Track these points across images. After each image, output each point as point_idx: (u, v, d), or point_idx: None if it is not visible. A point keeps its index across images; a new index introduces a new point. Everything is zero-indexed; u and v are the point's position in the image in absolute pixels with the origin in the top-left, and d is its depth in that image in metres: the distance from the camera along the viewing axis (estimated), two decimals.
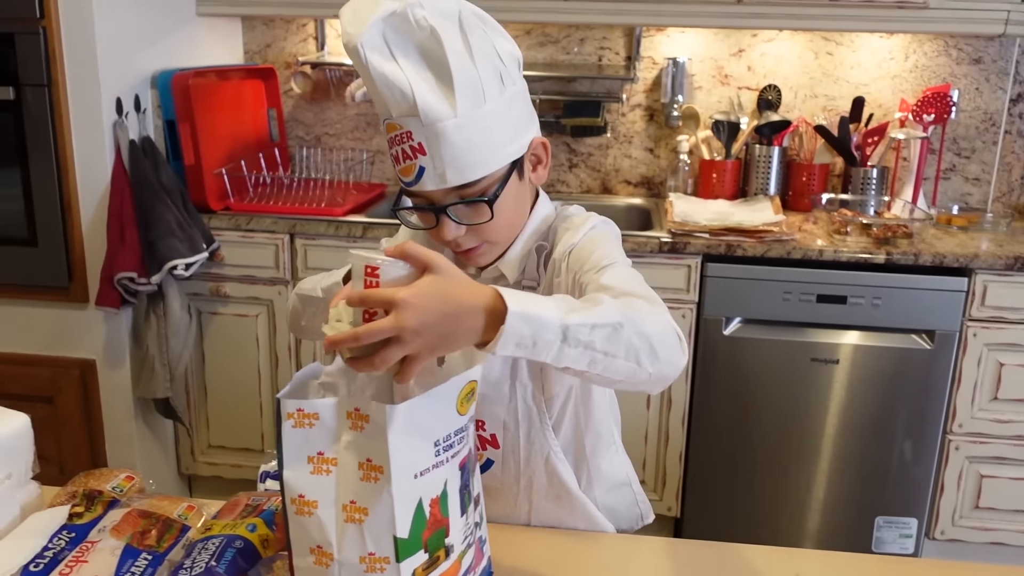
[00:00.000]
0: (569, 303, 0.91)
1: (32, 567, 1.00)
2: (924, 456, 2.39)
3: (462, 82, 1.03)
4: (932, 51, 2.72)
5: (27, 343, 2.47)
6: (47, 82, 2.24)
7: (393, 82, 1.02)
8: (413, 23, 1.01)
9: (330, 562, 0.88)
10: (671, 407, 2.45)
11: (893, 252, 2.28)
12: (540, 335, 0.86)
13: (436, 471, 0.90)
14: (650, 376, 0.93)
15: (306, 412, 0.88)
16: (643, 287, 1.02)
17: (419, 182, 1.07)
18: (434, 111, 1.03)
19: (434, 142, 1.04)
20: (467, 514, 0.97)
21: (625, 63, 2.84)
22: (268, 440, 2.67)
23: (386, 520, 0.86)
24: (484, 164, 1.07)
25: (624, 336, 0.90)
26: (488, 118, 1.06)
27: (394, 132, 1.06)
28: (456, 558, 0.95)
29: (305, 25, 2.95)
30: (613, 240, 1.16)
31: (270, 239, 2.47)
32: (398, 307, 0.82)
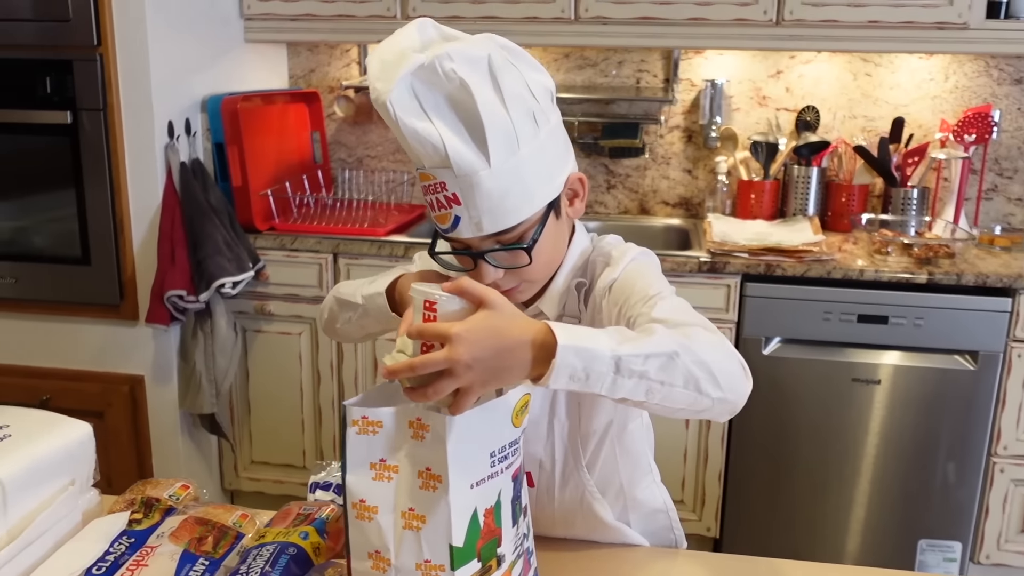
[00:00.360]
0: (622, 334, 0.92)
1: (95, 570, 1.03)
2: (968, 478, 2.37)
3: (494, 132, 1.01)
4: (972, 71, 2.72)
5: (79, 359, 2.54)
6: (103, 107, 2.32)
7: (424, 137, 1.01)
8: (442, 76, 0.99)
9: (387, 567, 0.90)
10: (710, 427, 2.45)
11: (935, 272, 2.27)
12: (592, 367, 0.87)
13: (491, 481, 0.92)
14: (712, 404, 0.93)
15: (370, 420, 0.91)
16: (696, 316, 1.02)
17: (456, 230, 1.06)
18: (467, 163, 1.01)
19: (468, 193, 1.03)
20: (517, 524, 0.99)
21: (663, 85, 2.87)
22: (310, 456, 2.71)
23: (443, 528, 0.88)
24: (520, 210, 1.06)
25: (681, 365, 0.90)
26: (523, 164, 1.04)
27: (428, 182, 1.05)
28: (507, 568, 0.97)
29: (348, 51, 3.02)
30: (654, 271, 1.15)
31: (314, 258, 2.53)
32: (452, 341, 0.85)
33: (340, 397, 2.64)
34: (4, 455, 1.05)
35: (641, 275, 1.11)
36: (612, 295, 1.11)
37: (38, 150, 2.39)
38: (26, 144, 2.40)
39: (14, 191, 2.48)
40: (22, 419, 1.15)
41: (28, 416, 1.16)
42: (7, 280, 2.50)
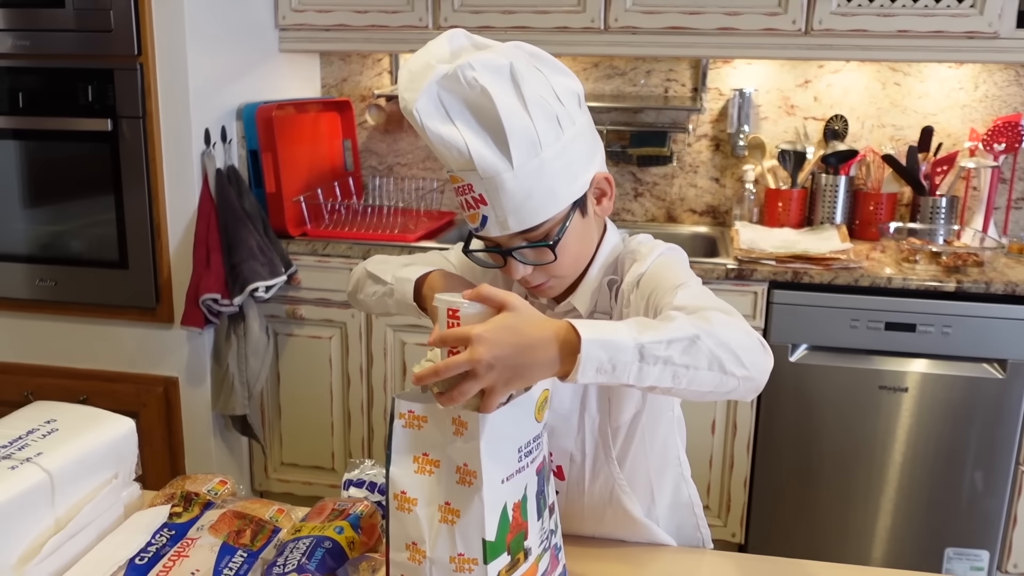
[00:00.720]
0: (642, 323, 0.95)
1: (137, 560, 1.07)
2: (996, 487, 2.36)
3: (516, 136, 1.06)
4: (1003, 81, 2.71)
5: (115, 360, 2.60)
6: (142, 114, 2.39)
7: (450, 142, 1.06)
8: (464, 84, 1.04)
9: (423, 559, 0.93)
10: (736, 433, 2.46)
11: (964, 280, 2.27)
12: (617, 358, 0.90)
13: (518, 476, 0.95)
14: (739, 383, 0.96)
15: (417, 414, 0.94)
16: (717, 301, 1.05)
17: (484, 228, 1.13)
18: (491, 166, 1.07)
19: (493, 194, 1.08)
20: (543, 519, 1.01)
21: (691, 94, 2.89)
22: (339, 459, 2.74)
23: (477, 523, 0.91)
24: (544, 209, 1.11)
25: (703, 347, 0.93)
26: (545, 165, 1.09)
27: (457, 184, 1.12)
28: (534, 560, 1.00)
29: (380, 60, 3.07)
30: (681, 264, 1.19)
31: (345, 264, 2.57)
32: (472, 342, 0.88)
33: (369, 401, 2.68)
34: (52, 448, 1.09)
35: (669, 268, 1.15)
36: (640, 289, 1.15)
37: (79, 157, 2.46)
38: (68, 151, 2.47)
39: (55, 196, 2.55)
40: (68, 414, 1.19)
41: (74, 411, 1.20)
42: (47, 283, 2.57)
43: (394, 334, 2.60)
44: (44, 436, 1.11)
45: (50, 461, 1.07)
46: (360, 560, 1.13)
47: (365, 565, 1.14)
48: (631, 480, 1.26)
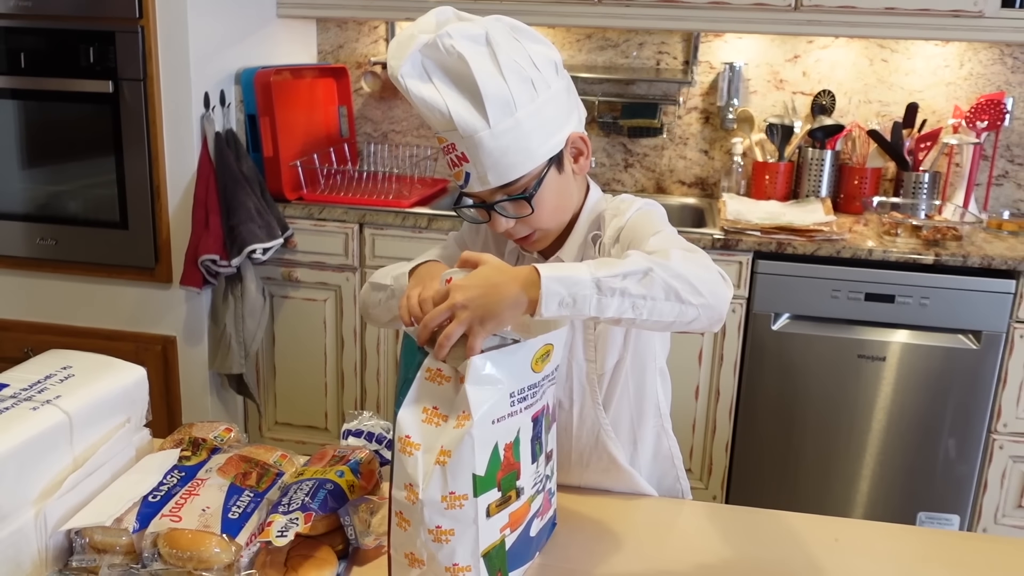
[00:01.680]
0: (600, 262, 1.04)
1: (151, 498, 1.14)
2: (968, 454, 2.45)
3: (491, 97, 1.15)
4: (987, 59, 2.77)
5: (114, 319, 2.66)
6: (143, 77, 2.42)
7: (431, 103, 1.16)
8: (443, 51, 1.14)
9: (416, 499, 1.00)
10: (719, 398, 2.54)
11: (942, 253, 2.34)
12: (576, 291, 1.00)
13: (511, 419, 1.02)
14: (698, 311, 1.05)
15: (443, 373, 1.02)
16: (684, 243, 1.15)
17: (468, 185, 1.22)
18: (469, 125, 1.16)
19: (473, 151, 1.18)
20: (537, 463, 1.09)
21: (683, 67, 2.94)
22: (331, 419, 2.81)
23: (467, 459, 0.98)
24: (521, 165, 1.20)
25: (656, 278, 1.02)
26: (521, 124, 1.18)
27: (442, 144, 1.21)
28: (526, 500, 1.07)
29: (376, 27, 3.10)
30: (658, 216, 1.28)
31: (340, 228, 2.62)
32: (450, 292, 1.02)
33: (362, 362, 2.74)
34: (70, 392, 1.15)
35: (646, 220, 1.25)
36: (620, 242, 1.25)
37: (80, 118, 2.50)
38: (69, 112, 2.50)
39: (57, 157, 2.59)
40: (83, 361, 1.25)
41: (88, 359, 1.26)
42: (48, 242, 2.61)
43: None
44: (61, 381, 1.17)
45: (68, 403, 1.13)
46: (359, 502, 1.20)
47: (364, 507, 1.21)
48: (615, 425, 1.34)
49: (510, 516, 1.05)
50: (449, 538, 1.00)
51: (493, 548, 1.04)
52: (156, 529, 1.08)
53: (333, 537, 1.17)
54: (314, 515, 1.11)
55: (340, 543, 1.17)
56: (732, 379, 2.52)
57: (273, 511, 1.12)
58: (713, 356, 2.52)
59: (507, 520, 1.05)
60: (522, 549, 1.10)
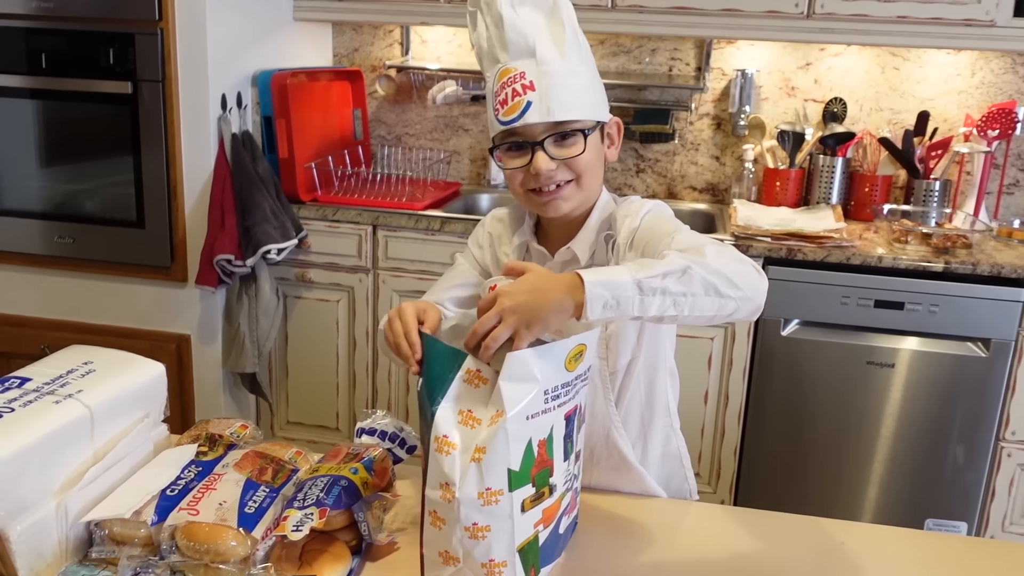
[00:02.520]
0: (639, 263, 1.08)
1: (168, 492, 1.16)
2: (976, 461, 2.45)
3: (571, 41, 1.24)
4: (999, 68, 2.78)
5: (129, 317, 2.69)
6: (162, 78, 2.46)
7: (519, 27, 1.23)
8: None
9: (452, 498, 1.02)
10: (728, 403, 2.55)
11: (952, 261, 2.35)
12: (619, 293, 1.03)
13: (544, 416, 1.04)
14: (737, 304, 1.08)
15: (482, 374, 1.05)
16: (709, 239, 1.18)
17: (523, 116, 1.23)
18: (550, 54, 1.23)
19: (544, 80, 1.23)
20: (568, 461, 1.11)
21: (695, 73, 2.96)
22: (343, 419, 2.84)
23: (503, 454, 1.01)
24: (581, 108, 1.25)
25: (695, 275, 1.05)
26: (585, 75, 1.27)
27: (508, 75, 1.24)
28: (558, 497, 1.09)
29: (392, 31, 3.13)
30: (668, 217, 1.31)
31: (354, 229, 2.65)
32: (498, 297, 1.06)
33: (374, 364, 2.76)
34: (91, 386, 1.18)
35: (660, 220, 1.28)
36: (635, 244, 1.27)
37: (99, 118, 2.53)
38: (88, 112, 2.54)
39: (75, 156, 2.63)
40: (103, 357, 1.27)
41: (108, 355, 1.28)
42: (65, 240, 2.65)
43: (400, 299, 2.69)
44: (83, 376, 1.20)
45: (90, 398, 1.15)
46: (373, 499, 1.22)
47: (377, 503, 1.23)
48: (625, 423, 1.36)
49: (543, 512, 1.07)
50: (485, 534, 1.02)
51: (527, 543, 1.06)
52: (174, 522, 1.10)
53: (347, 533, 1.19)
54: (328, 511, 1.13)
55: (354, 539, 1.19)
56: (741, 384, 2.53)
57: (288, 506, 1.14)
58: (723, 361, 2.53)
59: (540, 516, 1.07)
60: (552, 546, 1.12)
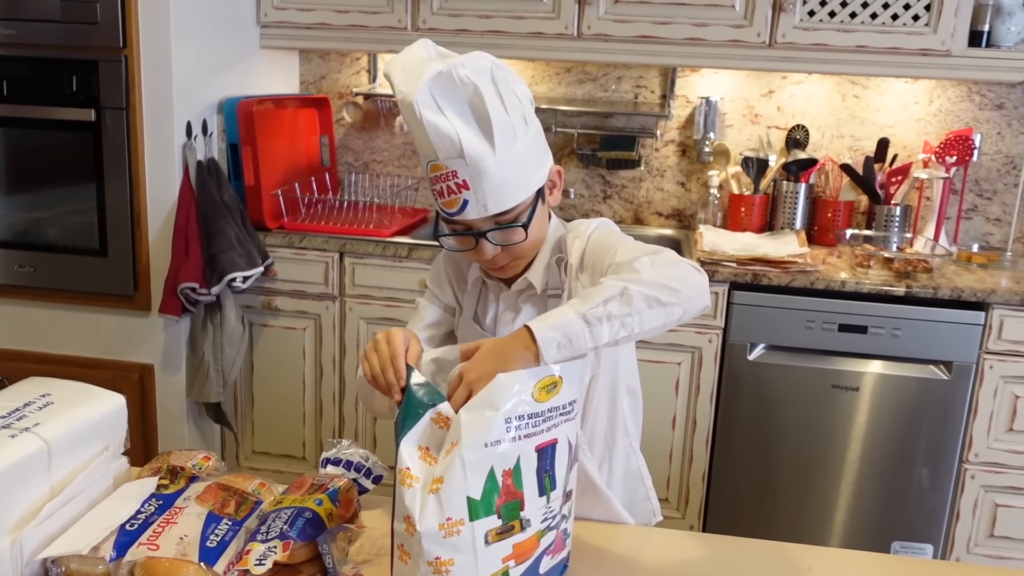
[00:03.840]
0: (579, 299, 1.11)
1: (128, 526, 1.14)
2: (941, 484, 2.48)
3: (499, 128, 1.21)
4: (955, 96, 2.84)
5: (92, 347, 2.65)
6: (125, 106, 2.44)
7: (443, 132, 1.20)
8: (457, 81, 1.19)
9: (414, 531, 1.01)
10: (696, 428, 2.56)
11: (913, 285, 2.39)
12: (568, 331, 1.07)
13: (508, 444, 1.03)
14: (684, 308, 1.12)
15: (447, 417, 1.07)
16: (646, 248, 1.21)
17: (462, 213, 1.26)
18: (478, 153, 1.21)
19: (477, 179, 1.22)
20: (548, 497, 1.08)
21: (660, 101, 2.99)
22: (310, 448, 2.81)
23: (459, 482, 1.00)
24: (517, 194, 1.26)
25: (634, 293, 1.09)
26: (519, 155, 1.25)
27: (439, 172, 1.24)
28: (534, 534, 1.07)
29: (359, 59, 3.13)
30: (612, 234, 1.34)
31: (321, 256, 2.63)
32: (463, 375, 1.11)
33: (341, 392, 2.74)
34: (49, 419, 1.15)
35: (605, 237, 1.32)
36: (585, 264, 1.31)
37: (63, 145, 2.51)
38: (51, 139, 2.51)
39: (37, 184, 2.60)
40: (62, 389, 1.25)
41: (67, 387, 1.26)
42: (26, 269, 2.61)
43: (367, 326, 2.67)
44: (40, 408, 1.18)
45: (47, 431, 1.13)
46: (337, 530, 1.20)
47: (342, 535, 1.21)
48: (591, 442, 1.38)
49: (514, 547, 1.05)
50: (449, 569, 1.01)
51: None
52: (133, 558, 1.08)
53: (311, 566, 1.17)
54: (292, 543, 1.11)
55: (318, 572, 1.17)
56: (709, 409, 2.54)
57: (251, 539, 1.12)
58: (690, 386, 2.54)
59: (510, 551, 1.04)
60: None
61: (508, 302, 1.39)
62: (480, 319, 1.42)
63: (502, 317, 1.39)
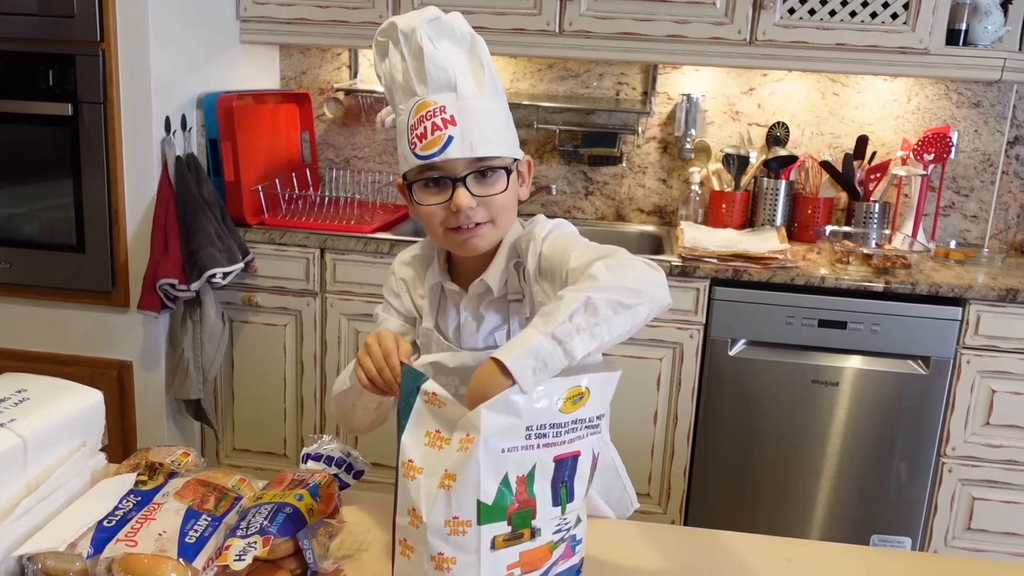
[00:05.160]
0: (543, 318, 1.07)
1: (106, 523, 1.13)
2: (919, 477, 2.50)
3: (489, 79, 1.25)
4: (933, 94, 2.87)
5: (69, 344, 2.62)
6: (103, 100, 2.41)
7: (440, 62, 1.22)
8: (456, 30, 1.25)
9: (420, 524, 1.00)
10: (677, 423, 2.57)
11: (892, 281, 2.41)
12: (540, 353, 1.03)
13: (525, 452, 1.01)
14: (648, 308, 1.11)
15: (439, 396, 1.03)
16: (599, 251, 1.20)
17: (445, 151, 1.21)
18: (470, 89, 1.23)
19: (466, 115, 1.22)
20: (564, 509, 1.06)
21: (642, 98, 3.00)
22: (291, 445, 2.79)
23: (472, 485, 0.98)
24: (500, 145, 1.26)
25: (597, 302, 1.07)
26: (502, 113, 1.27)
27: (427, 109, 1.22)
28: (544, 544, 1.04)
29: (340, 54, 3.12)
30: (566, 236, 1.30)
31: (302, 253, 2.62)
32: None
33: (322, 388, 2.73)
34: (25, 415, 1.14)
35: (558, 240, 1.29)
36: (542, 270, 1.28)
37: (39, 140, 2.48)
38: (27, 134, 2.48)
39: (13, 179, 2.56)
40: (38, 385, 1.23)
41: (44, 382, 1.24)
42: (2, 265, 2.58)
43: (349, 323, 2.66)
44: (16, 404, 1.16)
45: (23, 427, 1.11)
46: (318, 526, 1.20)
47: (323, 530, 1.20)
48: None
49: (521, 555, 1.03)
50: (451, 567, 0.99)
51: None
52: (111, 554, 1.06)
53: (292, 561, 1.16)
54: (272, 539, 1.10)
55: (299, 567, 1.16)
56: (690, 404, 2.55)
57: (231, 535, 1.11)
58: (671, 381, 2.55)
59: (517, 559, 1.02)
60: None
61: (470, 309, 1.36)
62: (442, 328, 1.38)
63: (465, 326, 1.36)
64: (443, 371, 1.21)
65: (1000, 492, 2.50)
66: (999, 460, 2.47)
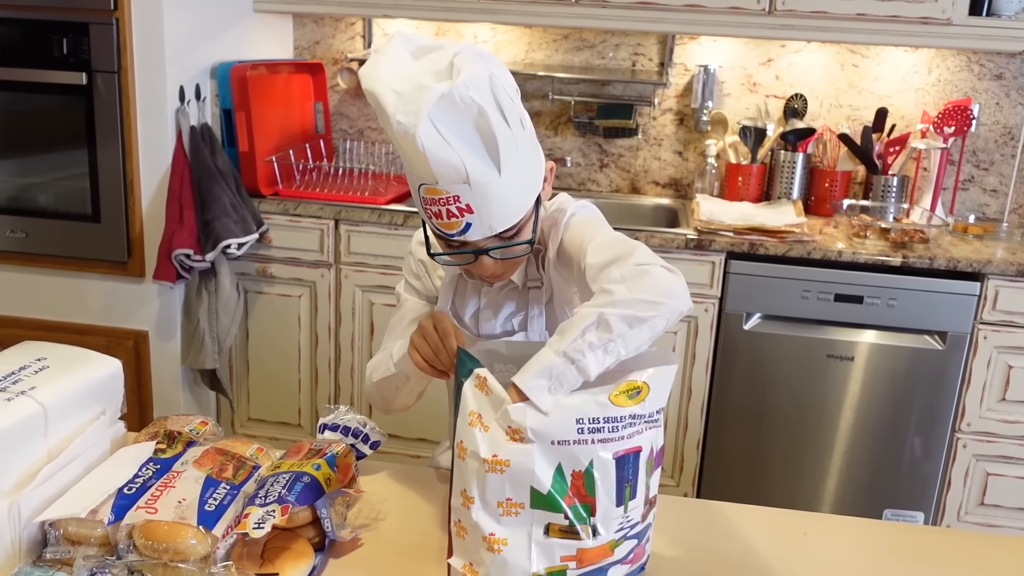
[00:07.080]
0: (558, 336, 1.06)
1: (126, 490, 1.14)
2: (933, 452, 2.50)
3: (504, 145, 1.11)
4: (955, 66, 2.82)
5: (85, 313, 2.64)
6: (117, 69, 2.40)
7: (448, 161, 1.09)
8: (461, 104, 1.07)
9: (471, 504, 1.02)
10: (691, 396, 2.57)
11: (909, 256, 2.39)
12: (553, 372, 1.02)
13: (578, 447, 1.01)
14: (666, 318, 1.07)
15: (488, 384, 1.04)
16: (616, 248, 1.15)
17: (464, 234, 1.16)
18: (484, 178, 1.12)
19: (482, 202, 1.13)
20: (627, 507, 1.05)
21: (658, 69, 2.97)
22: (305, 415, 2.81)
23: (527, 472, 1.00)
24: (521, 208, 1.18)
25: (611, 317, 1.04)
26: (521, 165, 1.16)
27: (438, 196, 1.13)
28: (605, 543, 1.04)
29: (353, 24, 3.09)
30: (587, 223, 1.27)
31: (316, 224, 2.62)
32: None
33: (336, 359, 2.74)
34: (45, 383, 1.15)
35: (579, 228, 1.25)
36: (561, 259, 1.26)
37: (53, 109, 2.48)
38: (42, 103, 2.48)
39: (28, 148, 2.56)
40: (58, 353, 1.24)
41: (64, 351, 1.25)
42: (18, 235, 2.59)
43: (363, 294, 2.66)
44: (36, 372, 1.17)
45: (43, 395, 1.12)
46: (336, 495, 1.21)
47: (340, 500, 1.22)
48: None
49: (578, 551, 1.03)
50: (502, 547, 1.01)
51: (553, 572, 1.03)
52: (131, 521, 1.07)
53: (310, 529, 1.17)
54: (291, 507, 1.11)
55: (317, 535, 1.18)
56: (704, 378, 2.55)
57: (250, 503, 1.12)
58: (686, 355, 2.54)
59: (573, 553, 1.03)
60: None
61: (489, 297, 1.35)
62: (459, 312, 1.37)
63: (483, 314, 1.36)
64: (499, 358, 1.19)
65: (1015, 468, 2.49)
66: (1014, 436, 2.46)
